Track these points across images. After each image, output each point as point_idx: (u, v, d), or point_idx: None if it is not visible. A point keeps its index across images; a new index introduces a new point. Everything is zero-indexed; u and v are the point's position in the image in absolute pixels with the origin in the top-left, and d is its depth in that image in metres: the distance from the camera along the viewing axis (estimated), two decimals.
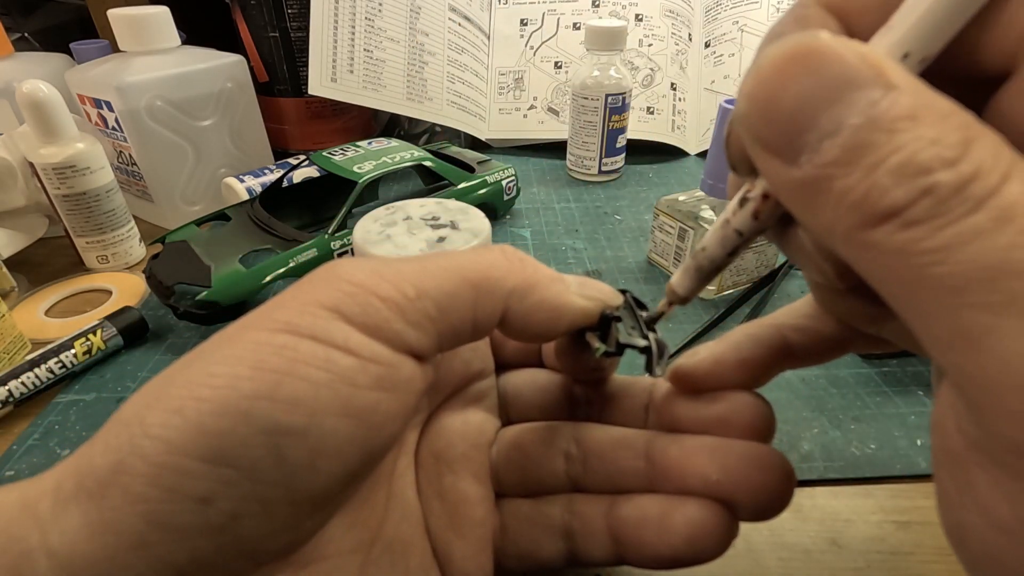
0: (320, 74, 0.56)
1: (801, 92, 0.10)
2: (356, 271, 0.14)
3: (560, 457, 0.18)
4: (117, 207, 0.44)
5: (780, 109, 0.10)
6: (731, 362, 0.16)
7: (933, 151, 0.09)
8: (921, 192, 0.09)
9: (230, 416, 0.12)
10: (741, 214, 0.13)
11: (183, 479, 0.12)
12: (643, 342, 0.16)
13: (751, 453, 0.15)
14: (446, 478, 0.18)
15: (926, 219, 0.09)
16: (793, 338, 0.16)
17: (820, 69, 0.09)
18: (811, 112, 0.10)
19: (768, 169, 0.11)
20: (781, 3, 0.64)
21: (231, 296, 0.35)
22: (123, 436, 0.12)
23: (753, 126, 0.11)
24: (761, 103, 0.10)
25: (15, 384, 0.31)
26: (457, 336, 0.15)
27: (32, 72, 0.49)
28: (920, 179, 0.09)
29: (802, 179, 0.10)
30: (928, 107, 0.09)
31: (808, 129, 0.10)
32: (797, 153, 0.10)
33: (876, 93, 0.09)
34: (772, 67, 0.10)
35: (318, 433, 0.12)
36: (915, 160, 0.09)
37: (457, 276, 0.14)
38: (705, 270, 0.15)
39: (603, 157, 0.58)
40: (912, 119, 0.09)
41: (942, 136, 0.09)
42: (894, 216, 0.09)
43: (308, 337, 0.13)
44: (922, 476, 0.27)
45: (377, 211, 0.32)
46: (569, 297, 0.16)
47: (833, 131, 0.09)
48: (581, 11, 0.65)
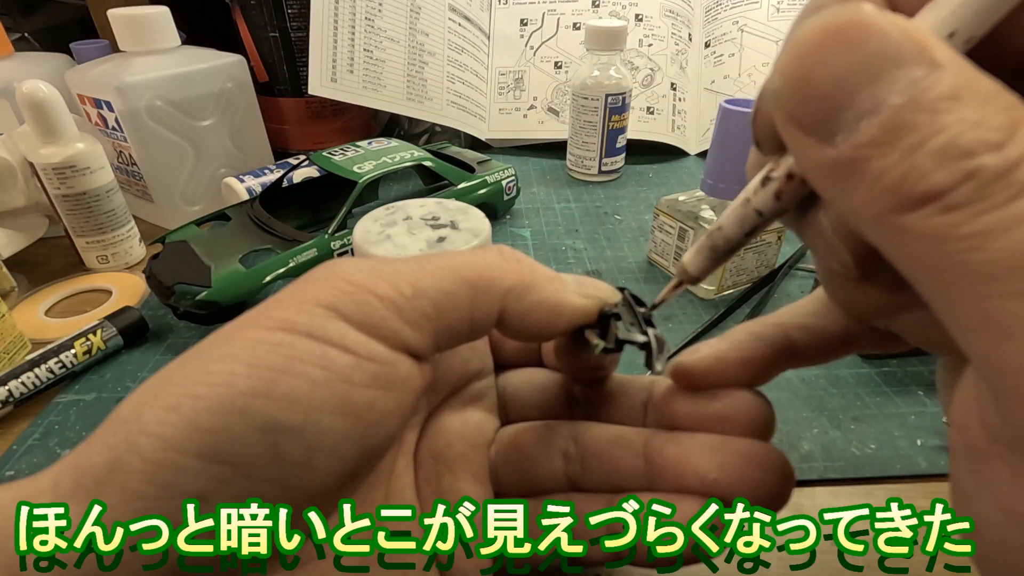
0: (320, 74, 0.56)
1: (840, 68, 0.09)
2: (354, 270, 0.14)
3: (559, 457, 0.18)
4: (117, 207, 0.44)
5: (817, 86, 0.10)
6: (733, 360, 0.16)
7: (977, 133, 0.08)
8: (964, 176, 0.08)
9: (226, 413, 0.12)
10: (763, 193, 0.13)
11: (179, 476, 0.12)
12: (642, 338, 0.16)
13: (749, 451, 0.15)
14: (445, 478, 0.18)
15: (967, 204, 0.08)
16: (797, 337, 0.16)
17: (861, 44, 0.09)
18: (849, 90, 0.09)
19: (799, 148, 0.10)
20: (781, 3, 0.64)
21: (231, 296, 0.35)
22: (120, 434, 0.12)
23: (786, 103, 0.10)
24: (796, 79, 0.10)
25: (15, 384, 0.31)
26: (454, 335, 0.15)
27: (32, 72, 0.49)
28: (963, 162, 0.08)
29: (836, 159, 0.10)
30: (973, 87, 0.09)
31: (845, 107, 0.09)
32: (832, 132, 0.10)
33: (919, 71, 0.09)
34: (810, 42, 0.10)
35: (314, 431, 0.12)
36: (958, 142, 0.08)
37: (454, 275, 0.14)
38: (720, 250, 0.14)
39: (603, 157, 0.58)
40: (956, 99, 0.09)
41: (987, 118, 0.08)
42: (933, 200, 0.09)
43: (305, 335, 0.13)
44: (922, 476, 0.27)
45: (377, 211, 0.32)
46: (567, 295, 0.16)
47: (872, 110, 0.09)
48: (581, 11, 0.65)
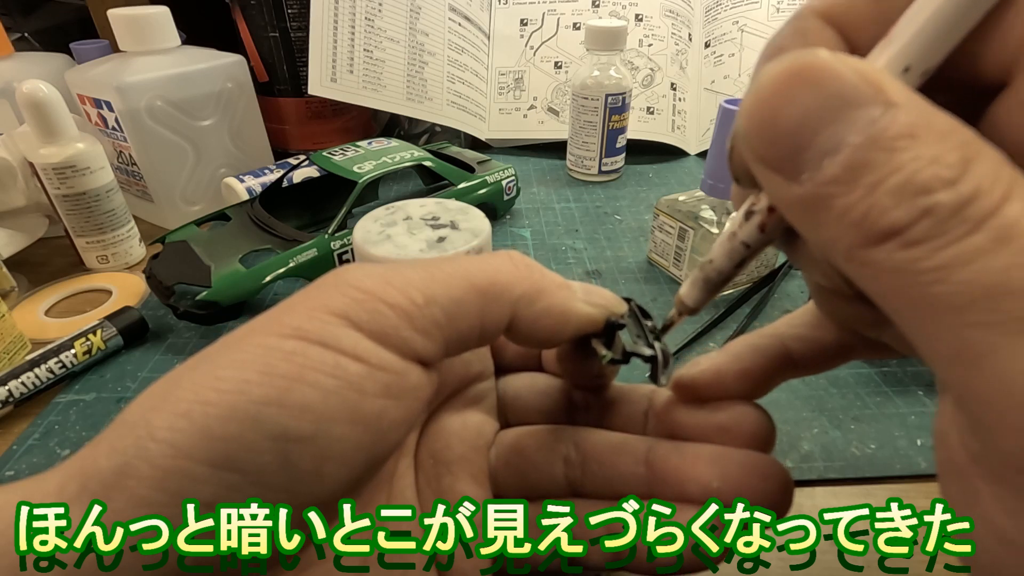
0: (320, 74, 0.56)
1: (800, 110, 0.10)
2: (364, 277, 0.14)
3: (559, 461, 0.18)
4: (117, 207, 0.44)
5: (780, 127, 0.10)
6: (732, 372, 0.17)
7: (932, 171, 0.09)
8: (921, 212, 0.09)
9: (238, 421, 0.12)
10: (747, 227, 0.13)
11: (188, 483, 0.12)
12: (649, 351, 0.16)
13: (750, 462, 0.15)
14: (444, 479, 0.18)
15: (926, 239, 0.09)
16: (794, 347, 0.17)
17: (819, 87, 0.09)
18: (811, 130, 0.10)
19: (770, 185, 0.11)
20: (781, 3, 0.64)
21: (231, 296, 0.35)
22: (129, 438, 0.12)
23: (754, 144, 0.11)
24: (761, 121, 0.10)
25: (15, 384, 0.31)
26: (464, 342, 0.15)
27: (32, 72, 0.49)
28: (920, 199, 0.09)
29: (803, 196, 0.10)
30: (928, 125, 0.09)
31: (808, 147, 0.10)
32: (798, 171, 0.10)
33: (876, 111, 0.09)
34: (771, 85, 0.10)
35: (325, 440, 0.12)
36: (915, 180, 0.09)
37: (465, 283, 0.14)
38: (713, 281, 0.15)
39: (603, 157, 0.58)
40: (912, 137, 0.09)
41: (942, 155, 0.09)
42: (895, 235, 0.09)
43: (317, 343, 0.13)
44: (922, 476, 0.27)
45: (377, 211, 0.32)
46: (575, 304, 0.16)
47: (833, 149, 0.09)
48: (581, 11, 0.65)
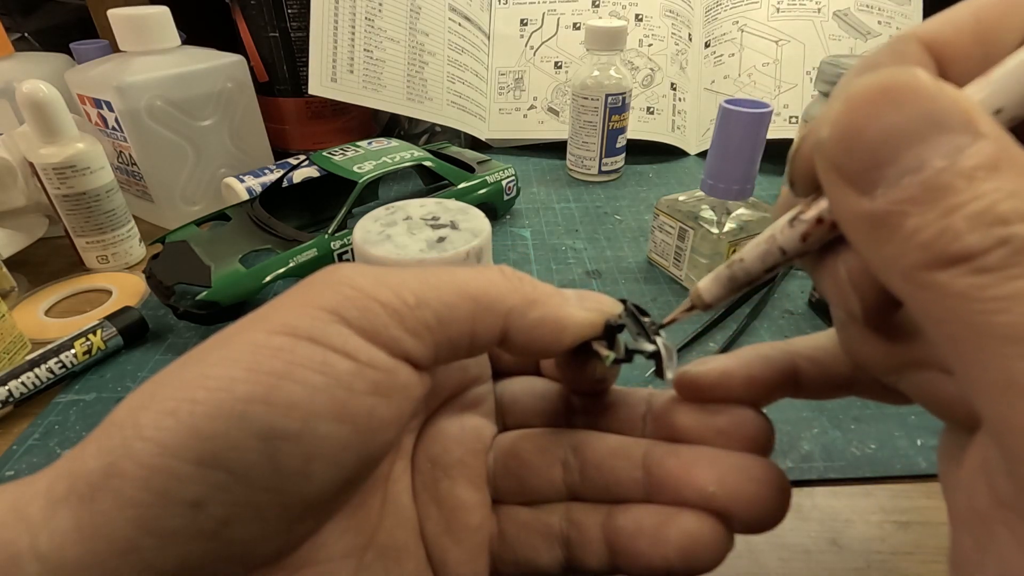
0: (320, 74, 0.56)
1: (888, 125, 0.10)
2: (357, 276, 0.14)
3: (557, 465, 0.18)
4: (117, 207, 0.44)
5: (864, 139, 0.10)
6: (738, 377, 0.16)
7: (1012, 203, 0.09)
8: (996, 242, 0.09)
9: (224, 419, 0.12)
10: (789, 234, 0.13)
11: (175, 482, 0.11)
12: (651, 347, 0.16)
13: (748, 466, 0.15)
14: (442, 483, 0.17)
15: (997, 268, 0.09)
16: (804, 368, 0.17)
17: (912, 106, 0.10)
18: (895, 147, 0.10)
19: (839, 197, 0.11)
20: (781, 3, 0.64)
21: (231, 296, 0.35)
22: (116, 438, 0.12)
23: (832, 153, 0.11)
24: (846, 131, 0.10)
25: (15, 384, 0.31)
26: (455, 349, 0.15)
27: (32, 72, 0.49)
28: (996, 229, 0.09)
29: (873, 211, 0.10)
30: (1012, 160, 0.09)
31: (889, 163, 0.10)
32: (874, 185, 0.10)
33: (964, 139, 0.09)
34: (864, 95, 0.10)
35: (312, 438, 0.12)
36: (994, 210, 0.09)
37: (457, 289, 0.14)
38: (739, 281, 0.15)
39: (603, 157, 0.58)
40: (995, 169, 0.09)
41: (1022, 190, 0.09)
42: (965, 261, 0.09)
43: (306, 339, 0.13)
44: (922, 476, 0.27)
45: (377, 211, 0.32)
46: (570, 310, 0.16)
47: (915, 169, 0.10)
48: (581, 11, 0.65)
